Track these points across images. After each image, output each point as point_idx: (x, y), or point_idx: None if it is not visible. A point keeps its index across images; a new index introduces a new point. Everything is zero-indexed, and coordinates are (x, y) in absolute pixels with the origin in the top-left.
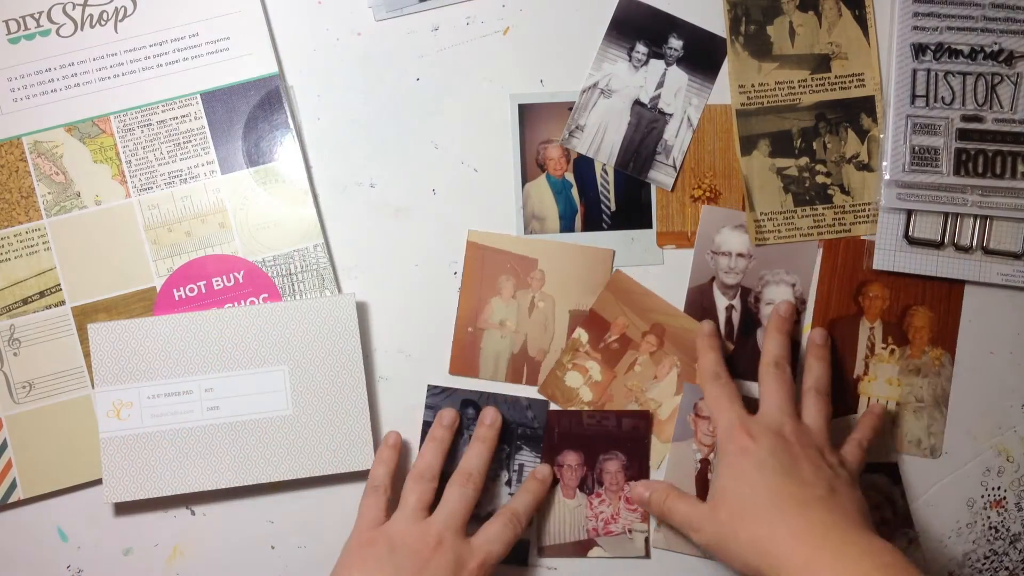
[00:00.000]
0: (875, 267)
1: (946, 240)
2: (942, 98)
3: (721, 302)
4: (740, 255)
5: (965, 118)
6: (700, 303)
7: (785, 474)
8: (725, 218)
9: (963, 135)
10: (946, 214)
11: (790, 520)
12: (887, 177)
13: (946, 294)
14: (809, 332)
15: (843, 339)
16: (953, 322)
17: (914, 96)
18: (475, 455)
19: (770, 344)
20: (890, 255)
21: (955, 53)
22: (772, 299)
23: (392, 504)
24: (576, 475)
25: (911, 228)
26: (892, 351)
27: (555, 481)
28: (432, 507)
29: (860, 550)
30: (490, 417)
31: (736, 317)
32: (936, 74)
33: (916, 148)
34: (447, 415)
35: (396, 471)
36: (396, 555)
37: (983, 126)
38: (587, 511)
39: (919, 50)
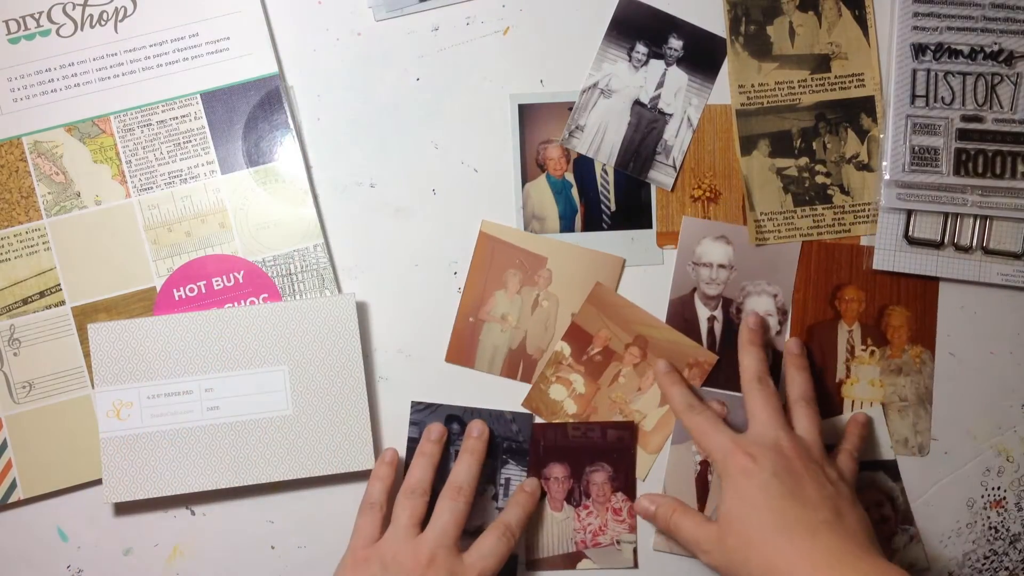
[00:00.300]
0: (875, 267)
1: (946, 240)
2: (942, 98)
3: (703, 313)
4: (721, 266)
5: (965, 118)
6: (682, 314)
7: (791, 496)
8: (706, 229)
9: (963, 135)
10: (946, 214)
11: (800, 547)
12: (887, 177)
13: (921, 292)
14: (786, 343)
15: (823, 344)
16: (930, 319)
17: (914, 96)
18: (464, 468)
19: (747, 359)
20: (890, 255)
21: (955, 53)
22: (754, 310)
23: (388, 521)
24: (563, 487)
25: (911, 228)
26: (872, 352)
27: (543, 494)
28: (425, 522)
29: None
30: (477, 429)
31: (718, 328)
32: (936, 74)
33: (916, 148)
34: (435, 429)
35: (392, 488)
36: (388, 574)
37: (983, 126)
38: (575, 523)
39: (919, 50)
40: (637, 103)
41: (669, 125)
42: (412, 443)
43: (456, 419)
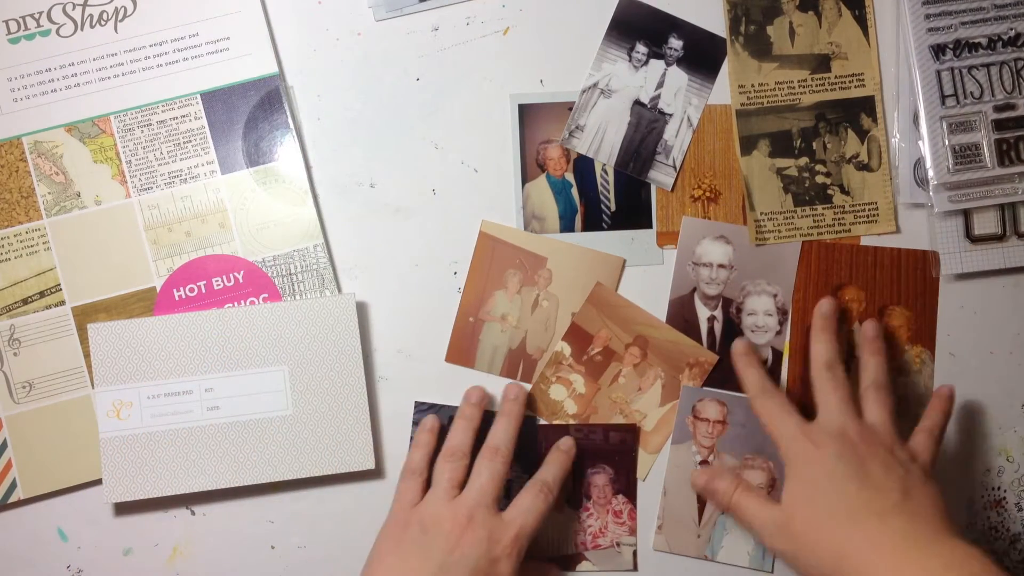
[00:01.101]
0: (944, 273)
1: (1007, 231)
2: (971, 93)
3: (703, 313)
4: (721, 266)
5: (997, 108)
6: (682, 315)
7: (857, 479)
8: (706, 229)
9: (999, 126)
10: (1001, 206)
11: (869, 531)
12: (935, 182)
13: (921, 292)
14: (861, 326)
15: None
16: (931, 318)
17: (943, 97)
18: (501, 430)
19: (818, 347)
20: (956, 258)
21: (974, 47)
22: (754, 310)
23: (428, 487)
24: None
25: (971, 227)
26: None
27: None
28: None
29: (945, 562)
30: (514, 392)
31: (718, 328)
32: (960, 71)
33: (957, 147)
34: (475, 393)
35: (432, 455)
36: (428, 536)
37: (1017, 112)
38: (575, 525)
39: (938, 51)
40: (637, 103)
41: (669, 125)
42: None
43: None
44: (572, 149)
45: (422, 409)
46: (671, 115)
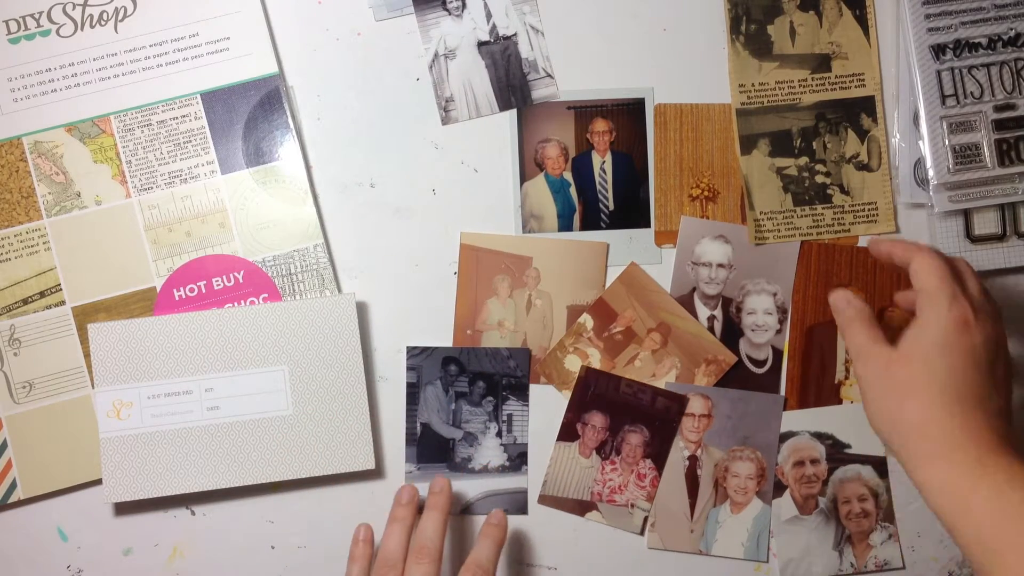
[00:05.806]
0: None
1: (1007, 230)
2: (971, 93)
3: (703, 313)
4: (720, 266)
5: (997, 108)
6: None
7: (987, 373)
8: (705, 229)
9: (999, 126)
10: (1001, 206)
11: (968, 420)
12: (935, 182)
13: None
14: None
15: (822, 345)
16: None
17: (943, 97)
18: (428, 526)
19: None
20: None
21: (974, 47)
22: (754, 309)
23: None
24: (597, 437)
25: (971, 227)
26: None
27: (574, 436)
28: None
29: None
30: (439, 484)
31: (718, 328)
32: (960, 71)
33: (957, 147)
34: (406, 493)
35: (370, 564)
36: None
37: (1017, 112)
38: (597, 475)
39: (938, 51)
40: (481, 44)
41: (520, 44)
42: (412, 398)
43: (453, 360)
44: (456, 122)
45: (415, 353)
46: (515, 34)
